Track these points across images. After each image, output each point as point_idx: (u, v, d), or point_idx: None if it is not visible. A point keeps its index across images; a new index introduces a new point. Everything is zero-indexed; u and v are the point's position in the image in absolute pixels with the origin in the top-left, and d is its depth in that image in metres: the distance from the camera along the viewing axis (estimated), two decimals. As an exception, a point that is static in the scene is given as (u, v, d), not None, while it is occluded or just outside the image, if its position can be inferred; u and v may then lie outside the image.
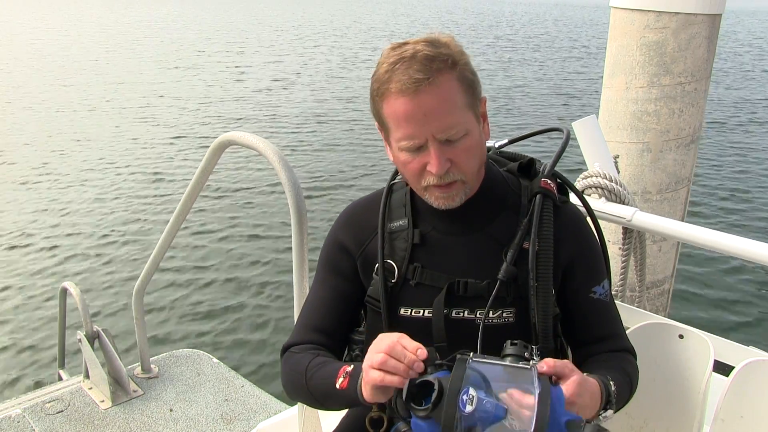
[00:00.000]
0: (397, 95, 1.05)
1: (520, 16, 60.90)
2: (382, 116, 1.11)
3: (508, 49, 27.63)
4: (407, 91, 1.04)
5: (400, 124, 1.07)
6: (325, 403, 1.16)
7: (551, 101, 15.31)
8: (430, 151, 1.07)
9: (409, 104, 1.04)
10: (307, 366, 1.16)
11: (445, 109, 1.05)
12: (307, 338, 1.24)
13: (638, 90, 2.55)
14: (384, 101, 1.08)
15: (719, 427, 1.31)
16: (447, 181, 1.10)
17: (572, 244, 1.20)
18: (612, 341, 1.22)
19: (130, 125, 11.81)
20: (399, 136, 1.09)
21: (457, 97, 1.07)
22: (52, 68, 18.95)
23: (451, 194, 1.12)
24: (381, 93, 1.08)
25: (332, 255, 1.27)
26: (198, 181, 2.18)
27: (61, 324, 3.09)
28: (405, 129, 1.07)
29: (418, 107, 1.04)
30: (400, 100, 1.05)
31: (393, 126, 1.09)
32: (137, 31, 33.41)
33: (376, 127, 1.18)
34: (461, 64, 1.08)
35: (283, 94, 15.52)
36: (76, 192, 8.12)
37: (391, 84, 1.05)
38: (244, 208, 7.70)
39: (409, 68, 1.04)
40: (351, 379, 1.06)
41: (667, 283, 2.87)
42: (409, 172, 1.12)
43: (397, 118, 1.07)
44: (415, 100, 1.04)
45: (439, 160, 1.07)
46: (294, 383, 1.19)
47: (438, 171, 1.07)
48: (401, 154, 1.11)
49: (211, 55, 22.99)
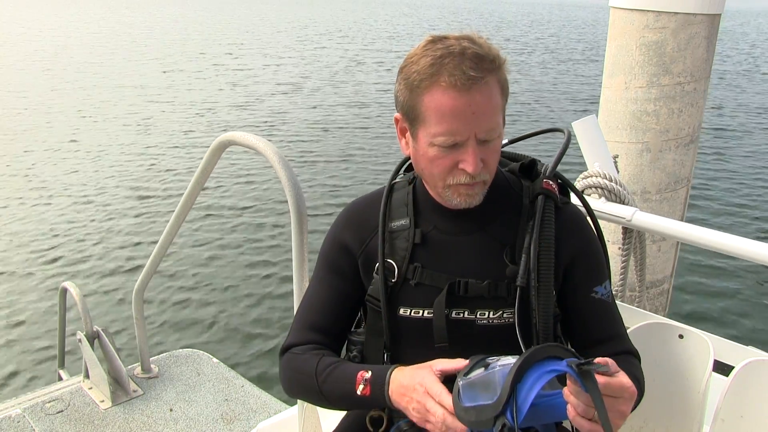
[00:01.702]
0: (446, 89, 1.03)
1: (520, 17, 60.91)
2: (419, 108, 1.08)
3: (508, 49, 27.64)
4: (461, 88, 1.02)
5: (444, 119, 1.05)
6: (338, 405, 1.18)
7: (551, 101, 15.30)
8: (467, 150, 1.07)
9: (460, 100, 1.03)
10: (317, 368, 1.16)
11: (490, 110, 1.06)
12: (306, 338, 1.24)
13: (638, 90, 2.55)
14: (427, 93, 1.06)
15: (719, 427, 1.31)
16: (476, 181, 1.11)
17: (573, 244, 1.20)
18: (614, 343, 1.22)
19: (130, 125, 11.80)
20: (438, 131, 1.07)
21: (498, 99, 1.08)
22: (52, 68, 18.94)
23: (474, 193, 1.13)
24: (425, 85, 1.05)
25: (332, 254, 1.27)
26: (198, 181, 2.18)
27: (61, 324, 3.09)
28: (449, 124, 1.05)
29: (468, 105, 1.04)
30: (450, 95, 1.03)
31: (433, 120, 1.07)
32: (139, 31, 33.39)
33: (396, 118, 1.16)
34: (503, 68, 1.09)
35: (283, 94, 15.50)
36: (75, 192, 8.12)
37: (441, 77, 1.03)
38: (244, 208, 7.70)
39: (461, 64, 1.03)
40: (373, 387, 1.08)
41: (666, 283, 2.88)
42: (438, 168, 1.11)
43: (443, 112, 1.05)
44: (466, 97, 1.03)
45: (476, 159, 1.07)
46: (302, 385, 1.19)
47: (474, 170, 1.07)
48: (432, 149, 1.09)
49: (211, 56, 22.98)
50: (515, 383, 0.85)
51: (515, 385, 0.86)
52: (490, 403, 0.87)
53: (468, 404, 0.91)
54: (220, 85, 16.51)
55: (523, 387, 0.86)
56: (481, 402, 0.89)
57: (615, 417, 0.90)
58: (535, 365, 0.87)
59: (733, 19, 58.27)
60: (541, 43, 31.03)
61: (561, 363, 0.87)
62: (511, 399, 0.85)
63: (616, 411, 0.90)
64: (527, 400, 0.85)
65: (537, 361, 0.87)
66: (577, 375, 0.85)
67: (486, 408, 0.88)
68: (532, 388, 0.85)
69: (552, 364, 0.87)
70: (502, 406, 0.85)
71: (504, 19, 55.52)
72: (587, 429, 0.89)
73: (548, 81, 18.50)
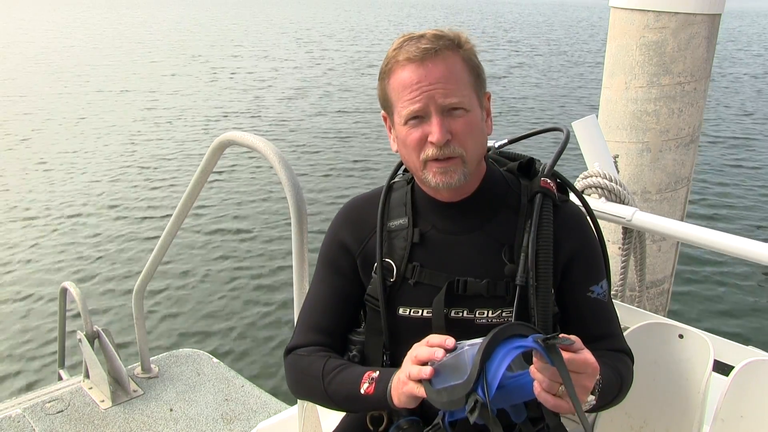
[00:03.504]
0: (404, 65, 1.10)
1: (520, 17, 60.90)
2: (388, 93, 1.14)
3: (508, 48, 27.63)
4: (414, 59, 1.08)
5: (404, 92, 1.10)
6: (343, 405, 1.18)
7: (551, 101, 15.30)
8: (431, 121, 1.09)
9: (415, 72, 1.08)
10: (323, 371, 1.17)
11: (448, 77, 1.09)
12: (310, 339, 1.24)
13: (638, 90, 2.55)
14: (391, 76, 1.12)
15: (719, 427, 1.31)
16: (446, 155, 1.10)
17: (571, 243, 1.20)
18: (608, 341, 1.22)
19: (130, 125, 11.80)
20: (402, 106, 1.11)
21: (461, 73, 1.11)
22: (53, 68, 18.95)
23: (448, 169, 1.12)
24: (388, 69, 1.13)
25: (332, 253, 1.27)
26: (198, 181, 2.18)
27: (61, 324, 3.09)
28: (409, 95, 1.09)
29: (424, 75, 1.08)
30: (407, 69, 1.09)
31: (398, 98, 1.12)
32: (141, 32, 33.38)
33: (383, 116, 1.20)
34: (466, 48, 1.13)
35: (283, 94, 15.51)
36: (76, 192, 8.12)
37: (399, 56, 1.10)
38: (244, 208, 7.70)
39: (418, 42, 1.10)
40: (378, 385, 1.08)
41: (666, 283, 2.87)
42: (410, 145, 1.12)
43: (403, 85, 1.10)
44: (421, 68, 1.08)
45: (441, 128, 1.08)
46: (308, 387, 1.20)
47: (438, 140, 1.08)
48: (403, 129, 1.12)
49: (211, 56, 22.98)
50: (484, 361, 0.88)
51: (485, 363, 0.88)
52: (461, 382, 0.89)
53: (438, 386, 0.93)
54: (221, 86, 16.52)
55: (492, 364, 0.89)
56: (450, 383, 0.92)
57: (579, 392, 0.92)
58: (502, 343, 0.90)
59: (741, 19, 58.31)
60: (541, 44, 31.01)
61: (527, 339, 0.90)
62: (481, 376, 0.88)
63: (579, 386, 0.93)
64: (497, 375, 0.88)
65: (504, 339, 0.90)
66: (543, 349, 0.88)
67: (457, 387, 0.90)
68: (500, 364, 0.88)
69: (518, 341, 0.90)
70: (473, 384, 0.87)
71: (507, 19, 55.53)
72: (552, 404, 0.92)
73: (548, 81, 18.49)
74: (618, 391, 1.15)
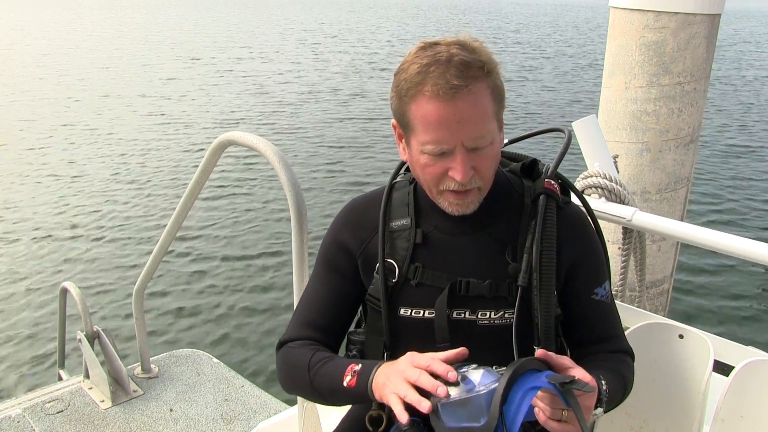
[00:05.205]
0: (430, 99, 1.03)
1: (520, 17, 60.90)
2: (408, 116, 1.08)
3: (508, 48, 27.63)
4: (444, 97, 1.02)
5: (431, 128, 1.05)
6: (329, 399, 1.17)
7: (551, 101, 15.30)
8: (455, 158, 1.06)
9: (444, 110, 1.03)
10: (310, 362, 1.16)
11: (478, 118, 1.04)
12: (303, 334, 1.24)
13: (637, 90, 2.55)
14: (414, 102, 1.06)
15: (719, 427, 1.31)
16: (466, 188, 1.10)
17: (575, 245, 1.19)
18: (611, 342, 1.22)
19: (130, 125, 11.80)
20: (426, 140, 1.07)
21: (488, 106, 1.06)
22: (53, 68, 18.94)
23: (467, 201, 1.12)
24: (412, 94, 1.05)
25: (332, 253, 1.26)
26: (198, 181, 2.18)
27: (61, 324, 3.09)
28: (435, 133, 1.05)
29: (452, 114, 1.03)
30: (434, 104, 1.03)
31: (421, 129, 1.07)
32: (142, 32, 33.37)
33: (393, 124, 1.16)
34: (494, 73, 1.07)
35: (283, 94, 15.50)
36: (76, 192, 8.12)
37: (426, 86, 1.03)
38: (244, 208, 7.70)
39: (445, 72, 1.02)
40: (360, 378, 1.07)
41: (666, 283, 2.87)
42: (429, 176, 1.11)
43: (428, 121, 1.05)
44: (449, 106, 1.02)
45: (465, 167, 1.06)
46: (294, 378, 1.20)
47: (463, 179, 1.07)
48: (423, 156, 1.09)
49: (211, 56, 22.97)
50: (502, 405, 0.89)
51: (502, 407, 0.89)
52: (478, 426, 0.90)
53: (451, 425, 0.92)
54: (221, 86, 16.51)
55: (510, 408, 0.90)
56: (465, 424, 0.91)
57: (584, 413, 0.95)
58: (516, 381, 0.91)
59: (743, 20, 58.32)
60: (541, 43, 31.02)
61: (541, 378, 0.92)
62: (500, 422, 0.89)
63: (582, 407, 0.95)
64: (516, 420, 0.89)
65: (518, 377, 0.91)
66: (560, 393, 0.91)
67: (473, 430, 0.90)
68: (519, 408, 0.89)
69: (531, 379, 0.92)
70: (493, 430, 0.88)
71: (511, 19, 55.54)
72: (559, 429, 0.96)
73: (548, 81, 18.48)
74: (622, 395, 1.16)
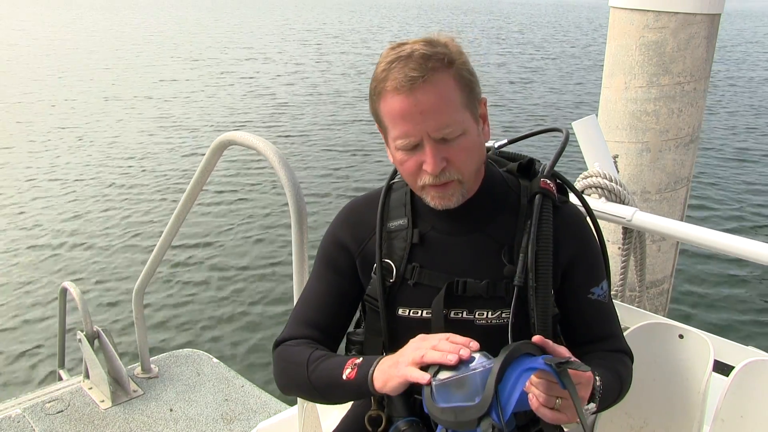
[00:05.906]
0: (393, 93, 1.06)
1: (520, 17, 60.90)
2: (380, 115, 1.11)
3: (508, 48, 27.63)
4: (402, 89, 1.04)
5: (396, 123, 1.08)
6: (326, 395, 1.16)
7: (551, 101, 15.30)
8: (425, 150, 1.07)
9: (404, 102, 1.05)
10: (308, 358, 1.16)
11: (440, 107, 1.05)
12: (301, 333, 1.24)
13: (637, 90, 2.55)
14: (381, 100, 1.09)
15: (719, 427, 1.31)
16: (443, 181, 1.10)
17: (572, 244, 1.19)
18: (609, 342, 1.22)
19: (130, 125, 11.81)
20: (395, 135, 1.09)
21: (453, 95, 1.07)
22: (53, 68, 18.95)
23: (447, 194, 1.12)
24: (378, 92, 1.09)
25: (330, 252, 1.26)
26: (198, 181, 2.18)
27: (61, 324, 3.09)
28: (401, 127, 1.07)
29: (413, 105, 1.04)
30: (396, 98, 1.05)
31: (390, 125, 1.09)
32: (143, 33, 33.39)
33: (377, 128, 1.17)
34: (458, 63, 1.07)
35: (283, 94, 15.51)
36: (76, 192, 8.12)
37: (387, 82, 1.06)
38: (244, 208, 7.70)
39: (405, 67, 1.04)
40: (360, 370, 1.07)
41: (666, 283, 2.87)
42: (406, 171, 1.12)
43: (394, 116, 1.07)
44: (410, 98, 1.04)
45: (435, 158, 1.07)
46: (291, 375, 1.19)
47: (433, 170, 1.07)
48: (398, 153, 1.11)
49: (211, 56, 22.98)
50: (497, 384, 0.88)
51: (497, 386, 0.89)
52: (472, 405, 0.89)
53: (443, 405, 0.92)
54: (221, 86, 16.51)
55: (505, 387, 0.89)
56: (457, 403, 0.91)
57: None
58: (512, 363, 0.91)
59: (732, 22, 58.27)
60: (541, 43, 31.02)
61: (537, 360, 0.91)
62: (495, 400, 0.88)
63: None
64: (510, 401, 0.88)
65: (514, 359, 0.91)
66: (556, 374, 0.90)
67: (467, 409, 0.89)
68: (514, 388, 0.89)
69: (527, 361, 0.91)
70: (487, 408, 0.87)
71: (513, 19, 55.55)
72: (551, 417, 0.94)
73: (548, 81, 18.49)
74: (617, 394, 1.16)
